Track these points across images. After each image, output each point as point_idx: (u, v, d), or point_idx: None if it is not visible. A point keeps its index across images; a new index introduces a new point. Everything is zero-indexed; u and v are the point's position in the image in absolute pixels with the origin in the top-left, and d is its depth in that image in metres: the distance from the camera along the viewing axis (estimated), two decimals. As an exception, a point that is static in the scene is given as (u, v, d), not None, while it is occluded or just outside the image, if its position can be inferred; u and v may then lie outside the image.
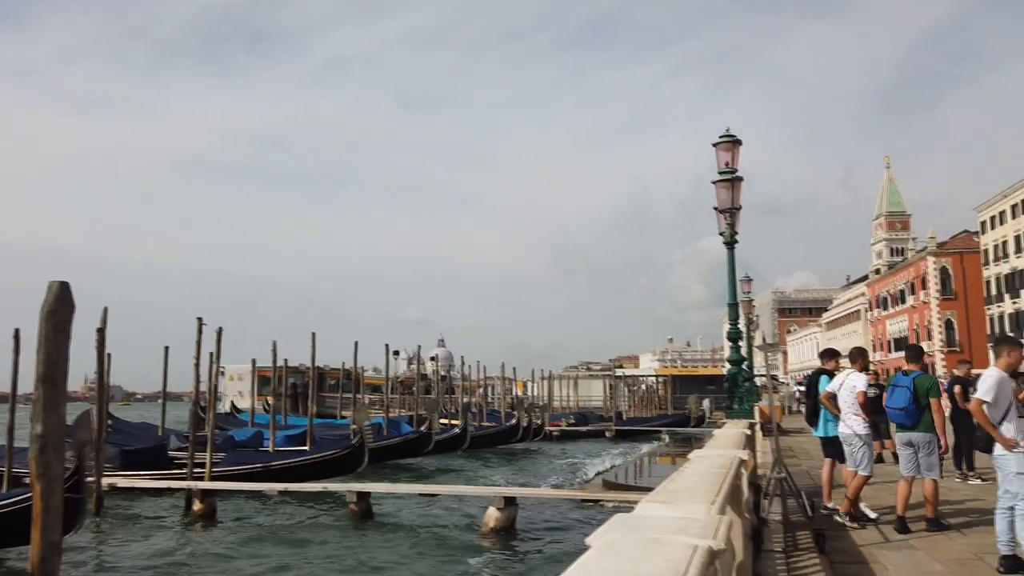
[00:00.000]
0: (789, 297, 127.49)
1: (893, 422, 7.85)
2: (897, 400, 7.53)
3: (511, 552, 12.42)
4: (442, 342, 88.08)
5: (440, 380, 42.34)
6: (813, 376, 8.92)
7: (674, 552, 1.95)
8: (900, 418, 7.58)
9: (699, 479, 3.93)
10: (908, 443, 7.61)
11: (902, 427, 7.70)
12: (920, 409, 7.42)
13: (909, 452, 7.58)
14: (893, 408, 7.58)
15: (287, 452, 20.78)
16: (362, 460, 19.59)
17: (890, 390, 7.78)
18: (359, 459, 19.59)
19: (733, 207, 12.25)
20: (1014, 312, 63.21)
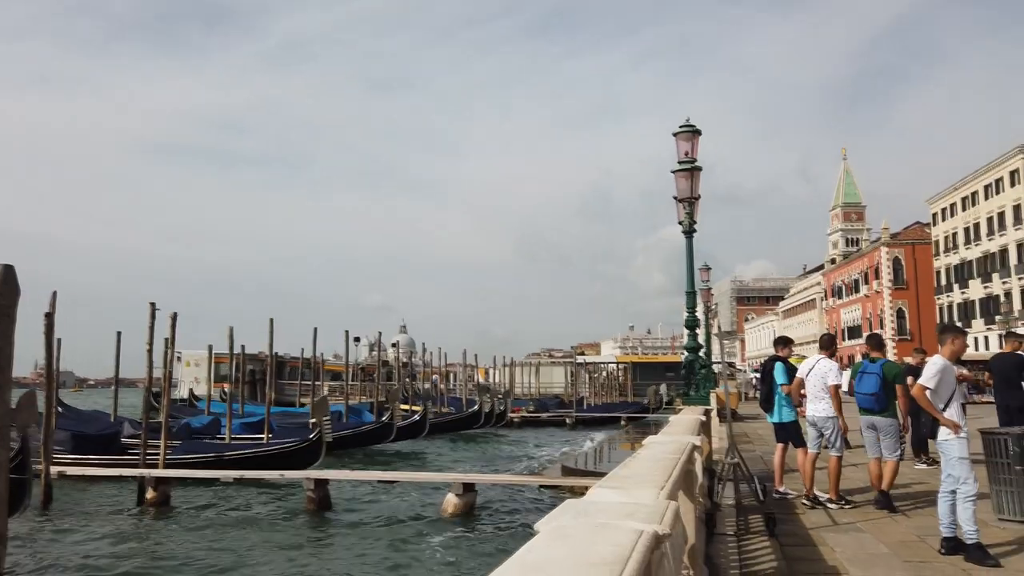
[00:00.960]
0: (747, 286, 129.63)
1: (861, 407, 8.11)
2: (866, 386, 7.93)
3: (470, 537, 12.47)
4: (404, 329, 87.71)
5: (402, 367, 42.15)
6: (768, 363, 9.06)
7: (620, 537, 1.97)
8: (869, 403, 7.95)
9: (651, 465, 3.97)
10: (872, 427, 8.04)
11: (868, 411, 8.02)
12: (888, 395, 7.89)
13: (872, 435, 8.03)
14: (863, 393, 7.95)
15: (243, 441, 20.51)
16: (319, 455, 19.39)
17: (858, 376, 8.11)
18: (316, 454, 19.40)
19: (692, 197, 12.36)
20: (963, 302, 65.17)
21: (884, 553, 6.07)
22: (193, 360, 43.90)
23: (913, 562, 5.76)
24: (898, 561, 5.81)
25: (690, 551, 4.82)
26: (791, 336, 10.85)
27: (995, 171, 59.99)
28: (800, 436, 8.83)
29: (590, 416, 40.98)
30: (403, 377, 39.25)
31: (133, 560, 11.32)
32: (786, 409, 8.82)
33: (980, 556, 5.55)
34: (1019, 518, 6.86)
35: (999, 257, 59.86)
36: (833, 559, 5.95)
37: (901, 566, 5.68)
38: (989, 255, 61.18)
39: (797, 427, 8.85)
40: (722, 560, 6.20)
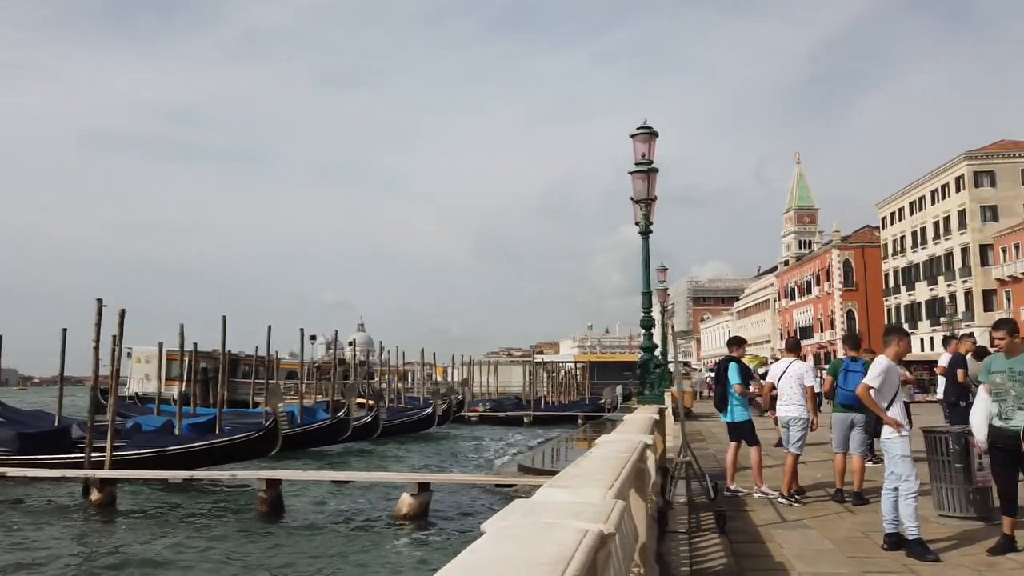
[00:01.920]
0: (703, 286, 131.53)
1: (843, 403, 8.41)
2: (854, 383, 8.02)
3: (424, 538, 12.39)
4: (362, 327, 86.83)
5: (359, 365, 41.75)
6: (722, 363, 9.20)
7: (565, 536, 1.96)
8: (854, 400, 7.94)
9: (601, 464, 3.97)
10: (850, 423, 8.36)
11: (848, 408, 8.25)
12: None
13: (846, 432, 8.37)
14: (848, 391, 8.15)
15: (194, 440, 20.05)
16: (275, 443, 19.02)
17: (843, 375, 8.45)
18: (272, 442, 19.03)
19: (648, 198, 12.45)
20: (909, 303, 67.08)
21: (829, 549, 6.21)
22: (143, 357, 42.82)
23: (857, 558, 5.90)
24: (843, 557, 5.94)
25: (641, 549, 4.85)
26: (745, 336, 11.14)
27: (941, 177, 61.89)
28: (753, 435, 9.00)
29: (547, 415, 41.14)
30: (360, 376, 38.90)
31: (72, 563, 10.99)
32: (739, 408, 8.98)
33: (921, 551, 5.70)
34: (959, 514, 7.07)
35: (944, 261, 61.76)
36: (781, 555, 6.06)
37: (845, 562, 5.80)
38: (935, 258, 63.08)
39: (750, 426, 9.02)
40: (673, 557, 6.27)
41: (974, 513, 6.96)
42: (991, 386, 5.81)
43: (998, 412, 5.72)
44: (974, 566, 5.55)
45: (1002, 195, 57.68)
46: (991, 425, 5.77)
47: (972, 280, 58.14)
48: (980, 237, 57.73)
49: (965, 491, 7.01)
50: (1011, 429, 5.62)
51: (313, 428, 25.06)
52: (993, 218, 57.63)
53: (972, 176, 58.28)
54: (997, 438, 5.73)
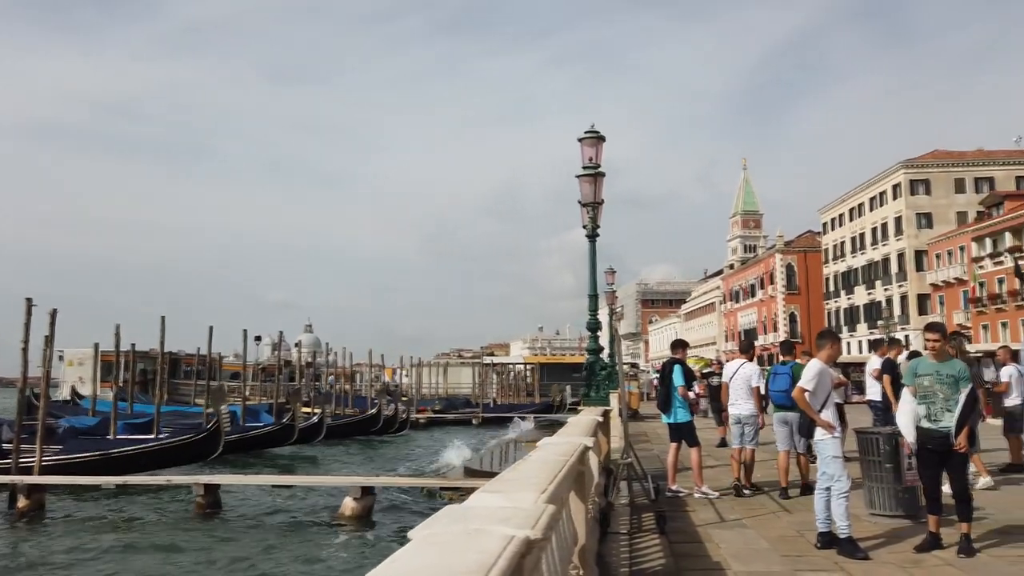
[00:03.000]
0: (652, 289, 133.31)
1: (775, 403, 8.94)
2: (780, 384, 8.78)
3: (366, 541, 12.23)
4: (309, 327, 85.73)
5: (305, 366, 41.09)
6: (667, 365, 9.37)
7: (489, 543, 1.93)
8: (782, 399, 8.67)
9: (539, 467, 3.95)
10: (784, 422, 8.82)
11: (782, 407, 8.77)
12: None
13: (785, 430, 8.81)
14: (776, 391, 8.81)
15: (131, 441, 19.43)
16: (217, 446, 18.55)
17: (772, 376, 9.02)
18: (214, 445, 18.54)
19: (595, 201, 12.52)
20: (848, 307, 69.13)
21: (765, 548, 6.32)
22: (77, 359, 41.39)
23: (791, 556, 6.02)
24: (776, 556, 6.06)
25: (580, 551, 4.85)
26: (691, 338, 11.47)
27: (879, 184, 63.96)
28: (694, 436, 9.18)
29: (496, 416, 41.14)
30: (306, 377, 38.29)
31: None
32: (682, 410, 9.18)
33: (851, 549, 5.85)
34: (889, 512, 7.29)
35: (882, 266, 63.83)
36: (718, 555, 6.15)
37: (779, 560, 5.92)
38: (873, 263, 65.14)
39: (691, 427, 9.20)
40: (614, 559, 6.30)
41: (902, 512, 7.19)
42: (918, 388, 6.01)
43: (927, 414, 5.91)
44: (901, 563, 5.71)
45: (936, 203, 59.89)
46: (920, 427, 5.95)
47: (908, 285, 60.22)
48: (915, 243, 59.84)
49: (895, 490, 7.23)
50: (940, 430, 5.81)
51: (257, 433, 24.51)
52: (928, 225, 59.78)
53: (908, 184, 60.36)
54: (927, 439, 5.91)
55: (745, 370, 9.39)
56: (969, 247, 53.97)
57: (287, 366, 43.70)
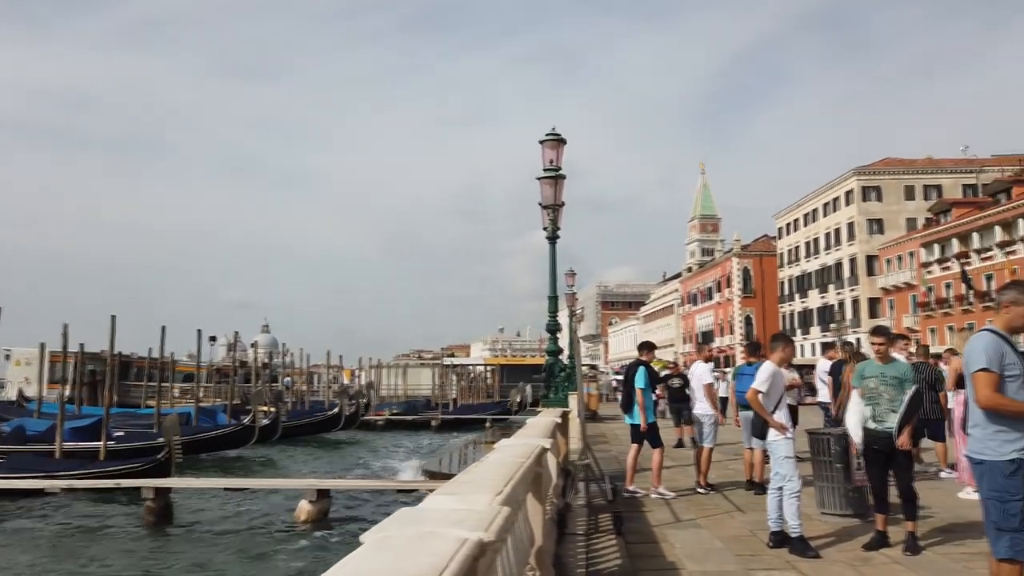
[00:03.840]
0: (612, 291, 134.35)
1: (741, 403, 9.13)
2: (746, 385, 8.83)
3: (321, 546, 12.06)
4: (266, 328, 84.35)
5: (262, 368, 40.43)
6: (631, 367, 9.44)
7: (442, 546, 1.91)
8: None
9: (495, 469, 3.94)
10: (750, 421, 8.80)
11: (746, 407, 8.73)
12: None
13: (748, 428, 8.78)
14: (742, 392, 8.78)
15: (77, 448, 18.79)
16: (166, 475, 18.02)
17: (738, 378, 9.29)
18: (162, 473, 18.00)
19: (556, 204, 12.58)
20: (802, 310, 70.60)
21: (718, 548, 6.41)
22: (23, 359, 40.12)
23: (744, 556, 6.11)
24: (730, 555, 6.15)
25: (537, 552, 4.86)
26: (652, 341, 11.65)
27: (832, 191, 65.46)
28: (657, 437, 9.31)
29: (455, 418, 41.01)
30: (263, 378, 37.70)
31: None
32: (649, 411, 9.26)
33: (802, 548, 5.96)
34: (839, 512, 7.44)
35: (834, 270, 65.34)
36: (673, 555, 6.22)
37: (732, 559, 6.01)
38: (826, 268, 66.65)
39: (654, 428, 9.29)
40: (571, 559, 6.32)
41: (852, 511, 7.35)
42: (864, 390, 6.17)
43: (872, 415, 6.08)
44: (849, 561, 5.84)
45: (887, 209, 61.53)
46: (866, 428, 6.11)
47: (859, 289, 61.73)
48: (867, 248, 61.38)
49: (844, 490, 7.39)
50: (885, 431, 5.98)
51: (216, 435, 24.00)
52: (879, 231, 61.38)
53: (860, 191, 61.89)
54: (872, 440, 6.08)
55: (697, 369, 9.79)
56: (918, 253, 55.55)
57: (243, 367, 42.96)
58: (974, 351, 3.90)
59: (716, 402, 9.60)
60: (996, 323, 4.01)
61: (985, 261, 48.33)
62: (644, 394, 9.00)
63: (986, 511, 3.88)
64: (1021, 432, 3.80)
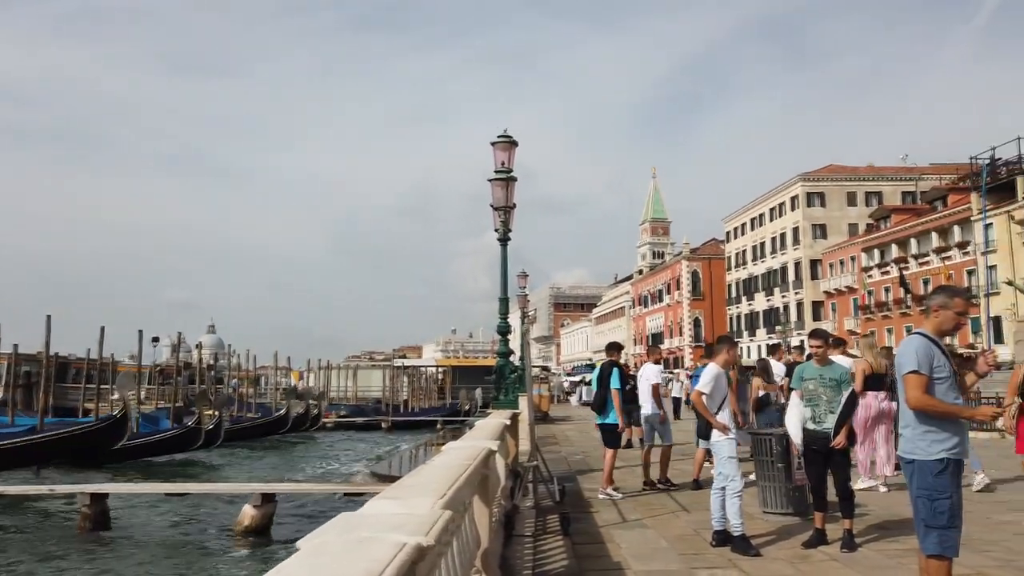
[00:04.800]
0: (564, 293, 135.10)
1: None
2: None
3: (265, 551, 11.81)
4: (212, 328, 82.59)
5: (207, 369, 39.51)
6: (606, 368, 9.47)
7: (379, 551, 1.89)
8: None
9: (440, 472, 3.92)
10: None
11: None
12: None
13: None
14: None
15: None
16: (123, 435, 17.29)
17: (693, 379, 9.72)
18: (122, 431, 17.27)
19: (507, 205, 12.59)
20: (749, 312, 72.13)
21: (663, 547, 6.50)
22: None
23: (687, 555, 6.21)
24: (674, 554, 6.23)
25: (483, 555, 4.84)
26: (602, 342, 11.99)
27: (778, 196, 67.05)
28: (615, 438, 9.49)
29: (406, 420, 40.75)
30: (208, 380, 36.85)
31: None
32: (614, 412, 9.37)
33: (744, 547, 6.08)
34: (780, 510, 7.62)
35: (780, 274, 66.94)
36: (619, 555, 6.28)
37: (676, 559, 6.09)
38: (772, 271, 68.23)
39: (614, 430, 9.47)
40: (518, 561, 6.33)
41: (792, 509, 7.53)
42: (804, 392, 6.34)
43: (811, 416, 6.25)
44: (789, 559, 5.98)
45: (831, 215, 63.29)
46: (805, 428, 6.28)
47: (803, 292, 63.35)
48: (811, 253, 63.03)
49: (785, 489, 7.57)
50: (823, 431, 6.16)
51: (160, 439, 23.34)
52: (823, 235, 63.09)
53: (805, 196, 63.52)
54: (811, 440, 6.25)
55: (646, 370, 10.03)
56: (859, 257, 57.25)
57: (187, 368, 41.88)
58: (906, 354, 4.03)
59: (660, 401, 9.83)
60: (926, 327, 4.16)
61: (923, 266, 50.08)
62: (620, 395, 9.13)
63: (916, 509, 4.01)
64: (949, 433, 3.94)
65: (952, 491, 3.91)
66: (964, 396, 4.22)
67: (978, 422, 4.67)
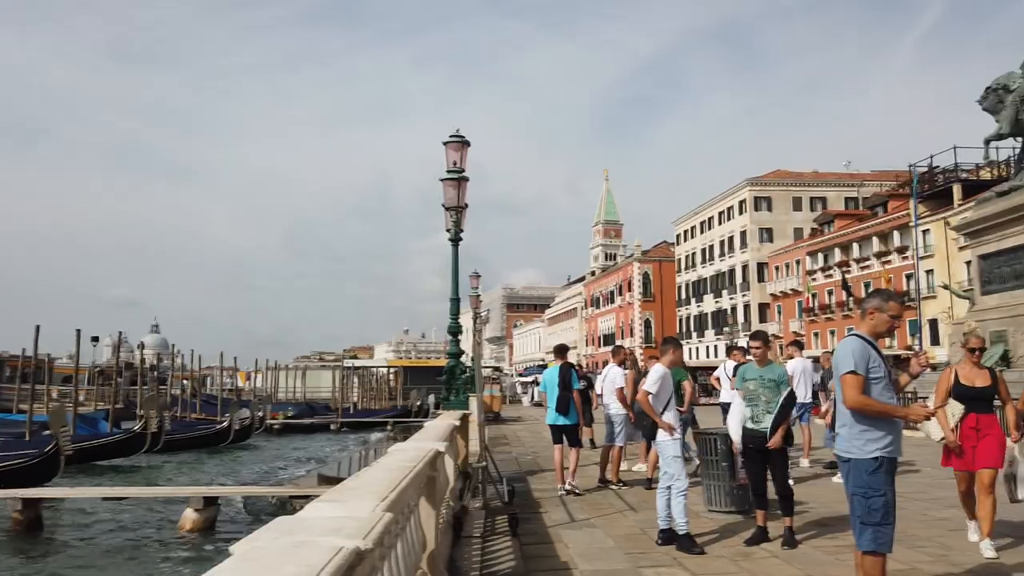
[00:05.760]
0: (518, 293, 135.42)
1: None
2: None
3: (207, 558, 11.51)
4: (156, 328, 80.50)
5: (150, 370, 38.44)
6: (565, 370, 9.71)
7: (314, 556, 1.85)
8: None
9: (384, 474, 3.87)
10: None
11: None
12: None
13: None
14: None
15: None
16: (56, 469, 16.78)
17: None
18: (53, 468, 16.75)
19: (459, 205, 12.53)
20: (698, 314, 73.34)
21: (610, 547, 6.54)
22: None
23: (633, 553, 6.26)
24: (621, 553, 6.28)
25: (429, 557, 4.81)
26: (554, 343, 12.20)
27: (727, 200, 68.34)
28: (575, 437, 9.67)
29: (356, 421, 40.27)
30: (151, 381, 35.85)
31: None
32: (574, 412, 9.61)
33: (688, 545, 6.16)
34: (724, 509, 7.75)
35: (728, 276, 68.24)
36: (566, 555, 6.29)
37: (623, 558, 6.13)
38: (720, 274, 69.51)
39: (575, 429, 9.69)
40: (465, 562, 6.30)
41: (736, 508, 7.66)
42: (745, 392, 6.47)
43: (751, 416, 6.37)
44: (732, 556, 6.08)
45: (777, 219, 64.76)
46: (745, 428, 6.40)
47: (750, 294, 64.70)
48: (757, 256, 64.42)
49: (729, 487, 7.69)
50: (761, 430, 6.28)
51: (104, 443, 22.52)
52: (769, 239, 64.52)
53: (753, 201, 64.90)
54: (750, 439, 6.37)
55: (611, 373, 10.28)
56: (804, 261, 58.70)
57: (128, 369, 40.73)
58: (843, 355, 4.13)
59: (627, 404, 9.94)
60: (862, 329, 4.26)
61: (864, 270, 51.60)
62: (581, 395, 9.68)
63: (852, 506, 4.11)
64: (884, 432, 4.05)
65: (886, 489, 4.01)
66: (899, 396, 4.34)
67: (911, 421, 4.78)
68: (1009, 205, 16.71)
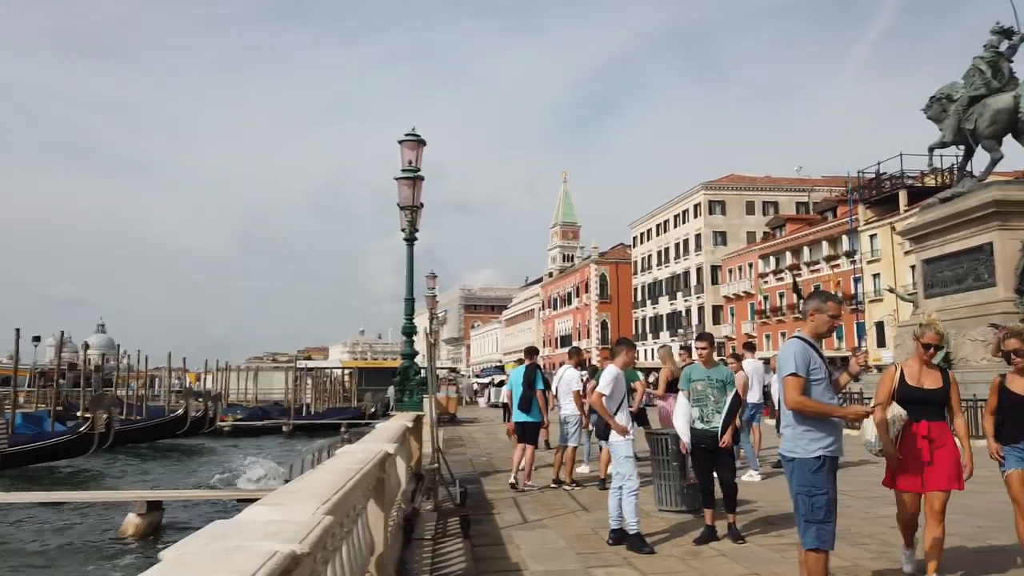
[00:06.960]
0: (475, 294, 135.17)
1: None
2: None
3: (146, 562, 11.21)
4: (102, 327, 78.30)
5: (94, 371, 37.34)
6: (531, 370, 10.09)
7: (246, 561, 1.79)
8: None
9: (329, 476, 3.81)
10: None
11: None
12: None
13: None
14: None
15: None
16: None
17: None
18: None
19: (414, 205, 12.44)
20: (654, 316, 74.19)
21: (562, 547, 6.54)
22: None
23: (584, 554, 6.27)
24: (572, 554, 6.28)
25: (378, 560, 4.74)
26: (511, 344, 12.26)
27: (682, 203, 69.31)
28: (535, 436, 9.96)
29: (308, 423, 39.68)
30: (95, 382, 34.83)
31: None
32: (536, 411, 9.91)
33: (639, 545, 6.19)
34: (674, 508, 7.82)
35: (683, 278, 69.19)
36: (517, 556, 6.27)
37: (574, 558, 6.14)
38: (675, 276, 70.46)
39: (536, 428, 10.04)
40: (416, 565, 6.24)
41: (686, 507, 7.74)
42: (692, 392, 6.54)
43: (699, 416, 6.45)
44: (681, 555, 6.13)
45: (731, 223, 65.91)
46: (693, 428, 6.48)
47: (704, 297, 65.70)
48: (711, 259, 65.45)
49: (679, 487, 7.77)
50: (711, 430, 6.36)
51: (50, 444, 21.78)
52: (723, 243, 65.62)
53: (707, 204, 65.93)
54: (700, 439, 6.45)
55: (567, 375, 10.38)
56: (756, 264, 59.83)
57: (72, 370, 39.49)
58: (784, 357, 4.20)
59: (583, 406, 10.05)
60: (804, 330, 4.34)
61: (814, 273, 52.79)
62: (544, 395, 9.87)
63: (796, 505, 4.18)
64: (826, 432, 4.13)
65: (828, 487, 4.09)
66: (840, 396, 4.42)
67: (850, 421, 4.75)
68: (951, 211, 17.27)
